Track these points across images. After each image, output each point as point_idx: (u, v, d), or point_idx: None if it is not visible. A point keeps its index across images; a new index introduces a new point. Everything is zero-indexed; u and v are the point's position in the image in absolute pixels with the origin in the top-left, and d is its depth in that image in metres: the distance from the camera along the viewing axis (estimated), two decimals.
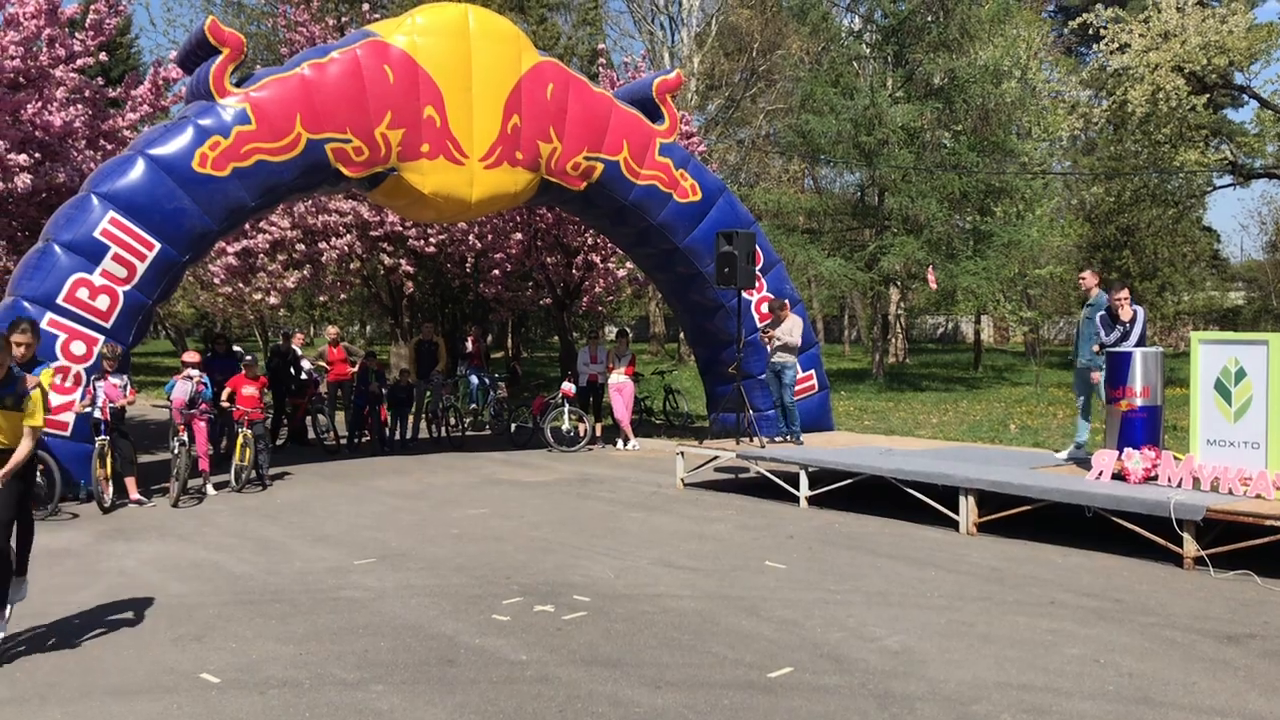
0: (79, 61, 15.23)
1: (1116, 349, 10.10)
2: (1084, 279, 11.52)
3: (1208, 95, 27.87)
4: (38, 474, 10.67)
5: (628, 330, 20.07)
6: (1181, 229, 35.19)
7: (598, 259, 21.19)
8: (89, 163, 14.72)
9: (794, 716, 5.25)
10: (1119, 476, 9.46)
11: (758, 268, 14.08)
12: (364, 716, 5.28)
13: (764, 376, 14.00)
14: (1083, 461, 10.63)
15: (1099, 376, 10.71)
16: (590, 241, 20.95)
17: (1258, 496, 8.56)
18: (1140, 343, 10.25)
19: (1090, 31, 28.73)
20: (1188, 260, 37.13)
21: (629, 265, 20.70)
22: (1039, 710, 5.30)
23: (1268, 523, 8.04)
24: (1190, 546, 8.32)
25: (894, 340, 37.79)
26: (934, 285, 17.66)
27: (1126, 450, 9.50)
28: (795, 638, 6.54)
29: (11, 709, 5.42)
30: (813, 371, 15.20)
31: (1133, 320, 10.35)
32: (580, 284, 22.06)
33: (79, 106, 15.09)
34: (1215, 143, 32.00)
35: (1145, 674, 5.82)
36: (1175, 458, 9.27)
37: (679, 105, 21.35)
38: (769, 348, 13.16)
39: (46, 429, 11.09)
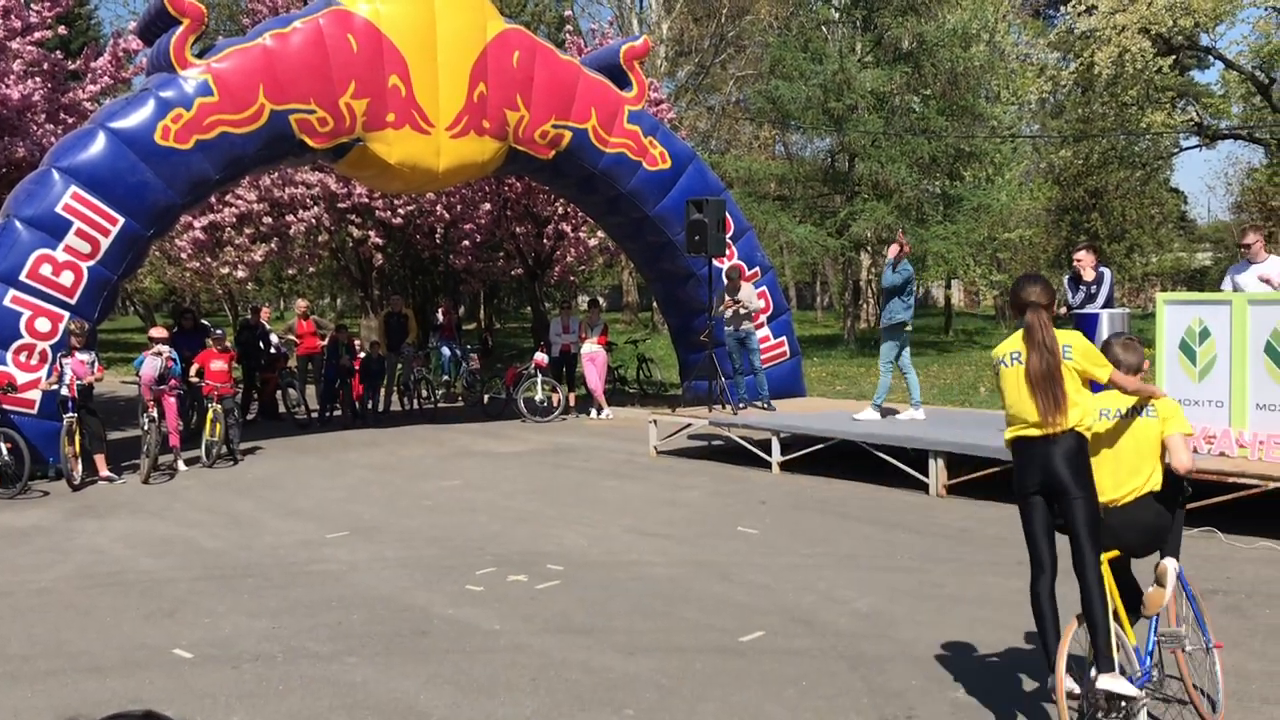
0: (36, 34, 14.96)
1: (1083, 310, 10.17)
2: (892, 250, 11.64)
3: (1174, 57, 27.99)
4: (5, 452, 10.63)
5: (600, 299, 20.03)
6: (1149, 190, 35.42)
7: (568, 228, 21.10)
8: (49, 137, 14.51)
9: (766, 680, 5.30)
10: None
11: (728, 235, 14.08)
12: (338, 689, 5.29)
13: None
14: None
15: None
16: (561, 211, 20.85)
17: (1221, 454, 8.68)
18: (1108, 304, 10.33)
19: None
20: (1155, 221, 37.38)
21: (600, 234, 20.64)
22: (1008, 669, 5.37)
23: (1231, 480, 8.17)
24: None
25: (865, 306, 37.91)
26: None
27: None
28: (767, 602, 6.59)
29: None
30: (784, 338, 15.24)
31: (1096, 281, 10.41)
32: (551, 254, 21.97)
33: (37, 79, 14.85)
34: (1181, 104, 32.19)
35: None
36: None
37: (647, 72, 21.24)
38: (728, 314, 13.13)
39: (11, 407, 11.05)
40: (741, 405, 12.98)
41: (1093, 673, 4.32)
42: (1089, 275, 10.47)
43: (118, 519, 9.58)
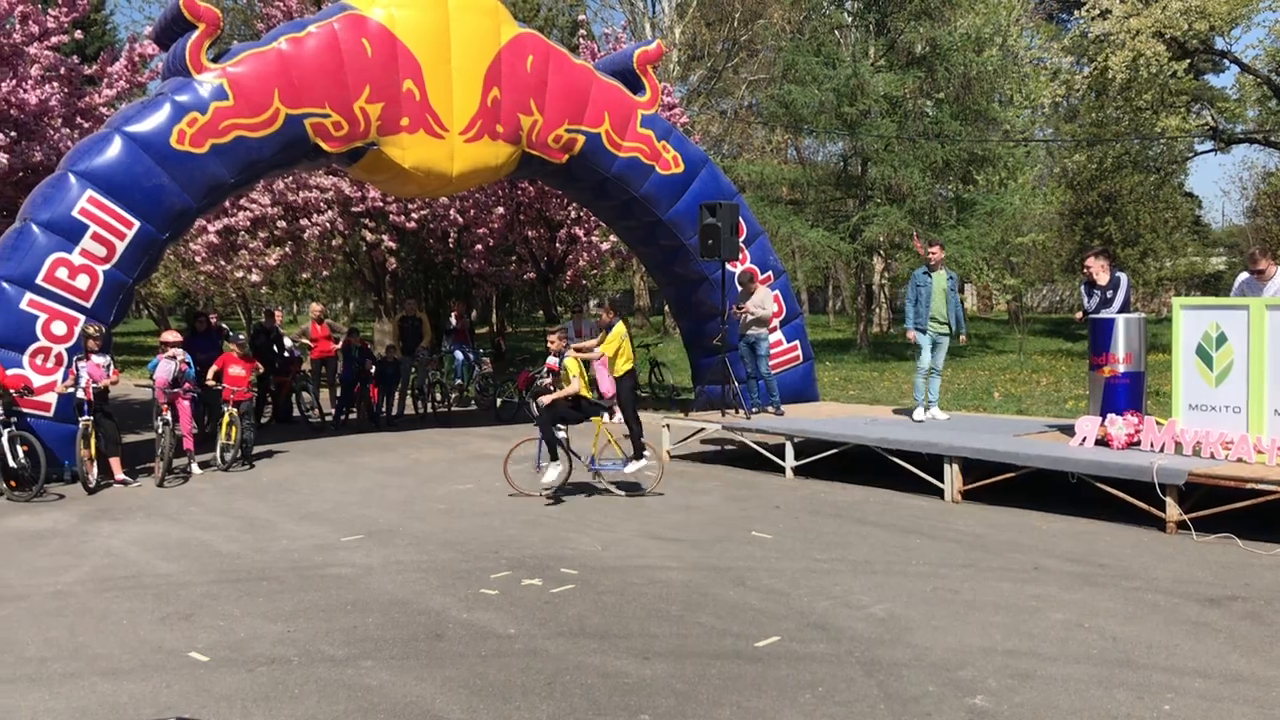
0: (53, 39, 15.05)
1: (1099, 315, 10.13)
2: (933, 252, 12.03)
3: (1188, 61, 27.89)
4: (22, 455, 10.68)
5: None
6: (1163, 195, 35.28)
7: (581, 232, 21.13)
8: (65, 141, 14.58)
9: (782, 685, 5.28)
10: (1102, 442, 9.52)
11: (741, 239, 14.06)
12: (353, 692, 5.29)
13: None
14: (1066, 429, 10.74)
15: (914, 336, 11.93)
16: (573, 215, 20.88)
17: (1239, 460, 8.63)
18: (1124, 309, 10.29)
19: None
20: (1169, 226, 37.23)
21: (612, 238, 20.66)
22: (1023, 675, 5.35)
23: (1249, 486, 8.12)
24: (1173, 511, 8.38)
25: (878, 310, 37.86)
26: (920, 249, 17.83)
27: (1109, 416, 9.55)
28: (782, 607, 6.57)
29: (0, 690, 5.42)
30: (797, 342, 15.21)
31: (1112, 286, 10.37)
32: (564, 258, 22.00)
33: (54, 84, 14.94)
34: (1196, 108, 32.05)
35: (1128, 638, 5.88)
36: (1158, 423, 9.33)
37: (660, 76, 21.25)
38: (741, 321, 13.13)
39: (28, 410, 11.10)
40: (755, 410, 12.97)
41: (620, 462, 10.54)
42: (1102, 280, 10.43)
43: (133, 522, 9.61)
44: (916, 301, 11.94)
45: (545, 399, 10.24)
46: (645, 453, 10.68)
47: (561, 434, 10.31)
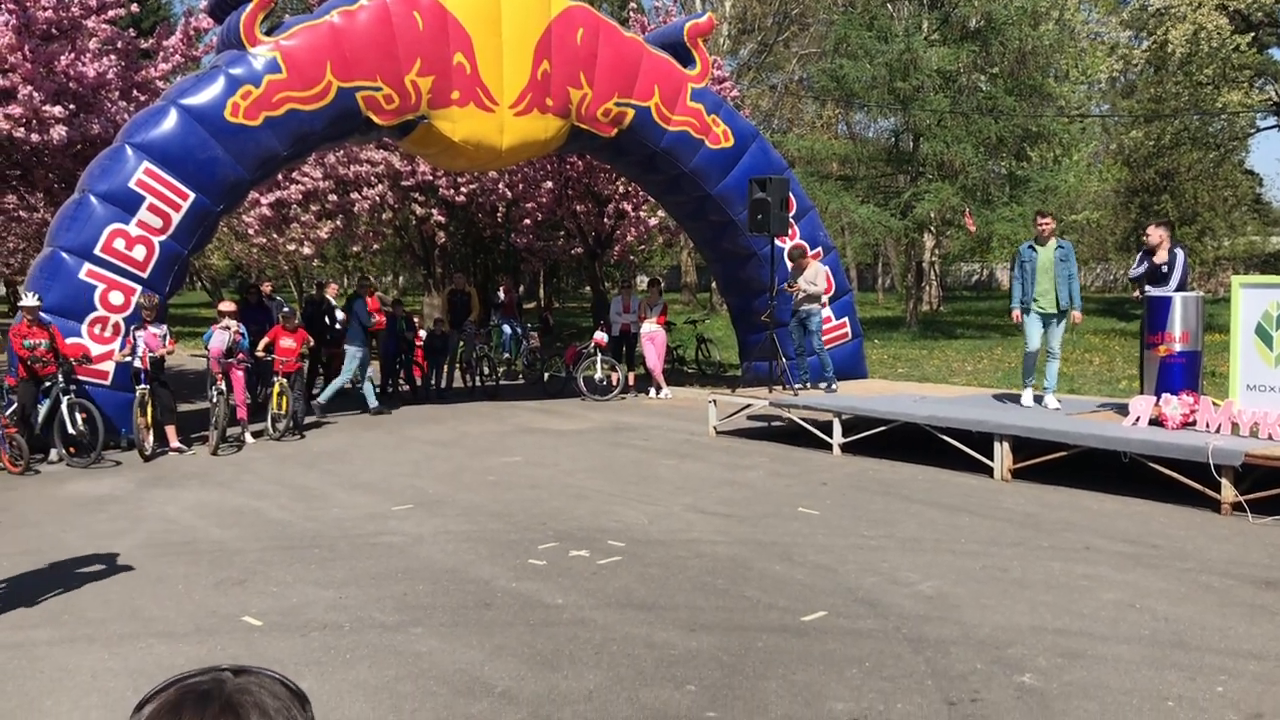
0: (110, 12, 15.20)
1: (1157, 293, 9.95)
2: (1044, 223, 11.02)
3: (1252, 34, 27.24)
4: (80, 422, 10.89)
5: (659, 279, 20.00)
6: (1222, 172, 34.57)
7: (629, 207, 21.10)
8: (123, 114, 14.75)
9: (828, 660, 5.28)
10: (1156, 422, 9.38)
11: (790, 215, 13.98)
12: (403, 658, 5.36)
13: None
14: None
15: (1016, 316, 11.31)
16: (621, 190, 20.84)
17: None
18: (1181, 287, 10.11)
19: None
20: (1228, 204, 36.48)
21: (660, 214, 20.61)
22: (1073, 654, 5.30)
23: None
24: (1228, 492, 8.25)
25: (928, 288, 37.45)
26: (972, 228, 17.59)
27: (1164, 396, 9.41)
28: (829, 582, 6.56)
29: (59, 649, 5.55)
30: (846, 319, 15.12)
31: (1169, 263, 10.19)
32: (612, 233, 21.98)
33: (112, 57, 15.09)
34: (1260, 83, 31.31)
35: (1181, 619, 5.81)
36: (1214, 403, 9.17)
37: (710, 50, 21.10)
38: (794, 297, 13.09)
39: (86, 378, 11.32)
40: (801, 386, 12.91)
41: None
42: (1161, 255, 10.26)
43: (187, 489, 9.78)
44: (1021, 279, 11.09)
45: None
46: None
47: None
